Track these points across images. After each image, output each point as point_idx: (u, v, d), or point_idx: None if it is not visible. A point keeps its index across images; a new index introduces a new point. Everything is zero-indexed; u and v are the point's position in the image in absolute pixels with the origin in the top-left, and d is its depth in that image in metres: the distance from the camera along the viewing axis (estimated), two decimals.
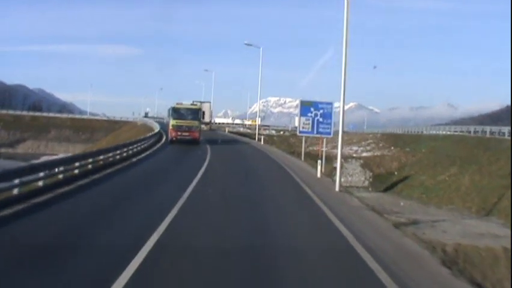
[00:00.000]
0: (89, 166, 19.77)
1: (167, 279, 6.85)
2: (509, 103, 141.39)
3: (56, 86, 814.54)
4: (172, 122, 38.18)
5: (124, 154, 26.00)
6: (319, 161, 23.90)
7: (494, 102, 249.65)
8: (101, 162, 21.45)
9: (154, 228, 9.57)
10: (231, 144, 43.36)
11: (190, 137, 37.39)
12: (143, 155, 28.78)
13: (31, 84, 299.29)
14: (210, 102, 72.64)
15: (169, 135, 38.90)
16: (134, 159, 25.59)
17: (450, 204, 28.63)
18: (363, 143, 62.16)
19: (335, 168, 43.71)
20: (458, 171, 34.17)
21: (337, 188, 17.35)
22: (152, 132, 43.18)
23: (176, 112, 37.72)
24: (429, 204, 28.75)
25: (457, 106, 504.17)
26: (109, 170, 19.99)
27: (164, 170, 21.96)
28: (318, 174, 22.74)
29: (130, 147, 28.20)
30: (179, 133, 37.32)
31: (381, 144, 59.01)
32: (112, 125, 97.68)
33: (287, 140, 67.84)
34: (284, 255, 8.60)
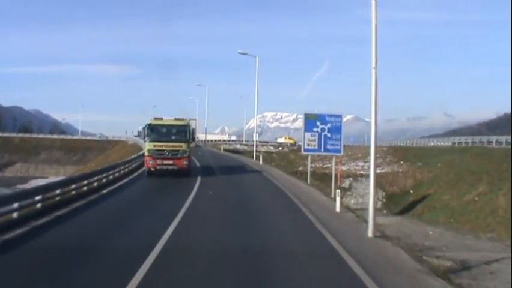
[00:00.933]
0: (38, 205, 14.84)
1: None
2: (506, 111, 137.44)
3: (52, 107, 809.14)
4: (148, 145, 27.18)
5: (95, 184, 21.06)
6: (337, 191, 18.83)
7: (490, 111, 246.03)
8: (57, 198, 16.51)
9: None
10: (224, 166, 37.90)
11: (175, 167, 26.71)
12: (115, 185, 23.65)
13: (28, 106, 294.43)
14: (195, 119, 70.57)
15: (145, 164, 28.04)
16: (105, 191, 20.58)
17: (488, 231, 23.67)
18: (368, 157, 57.27)
19: (343, 188, 38.74)
20: (489, 190, 29.16)
21: (370, 233, 12.30)
22: (136, 155, 37.68)
23: (154, 131, 26.90)
24: (463, 232, 23.77)
25: (453, 115, 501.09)
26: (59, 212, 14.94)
27: (132, 207, 16.78)
28: (337, 208, 17.68)
29: (101, 176, 23.16)
30: (159, 162, 26.53)
31: (388, 159, 54.13)
32: (105, 145, 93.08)
33: (287, 157, 62.93)
34: None
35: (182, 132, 27.13)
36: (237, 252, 10.22)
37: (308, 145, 28.04)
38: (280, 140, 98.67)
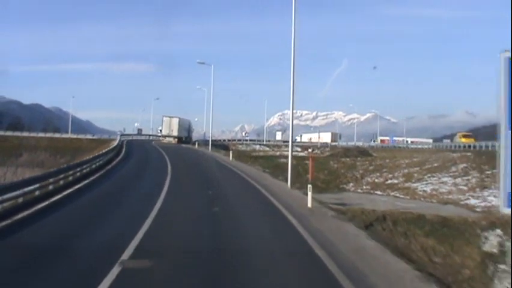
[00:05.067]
0: None
1: None
2: None
3: (73, 105, 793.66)
4: None
5: None
6: None
7: None
8: None
9: None
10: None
11: None
12: None
13: (48, 103, 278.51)
14: (178, 118, 73.41)
15: None
16: None
17: None
18: (453, 169, 35.44)
19: (491, 255, 16.44)
20: None
21: None
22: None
23: None
24: None
25: (475, 113, 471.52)
26: None
27: None
28: None
29: None
30: None
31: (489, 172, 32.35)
32: (99, 145, 72.97)
33: (326, 166, 41.56)
34: None
35: None
36: None
37: None
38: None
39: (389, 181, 34.38)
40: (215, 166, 35.43)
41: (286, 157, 44.55)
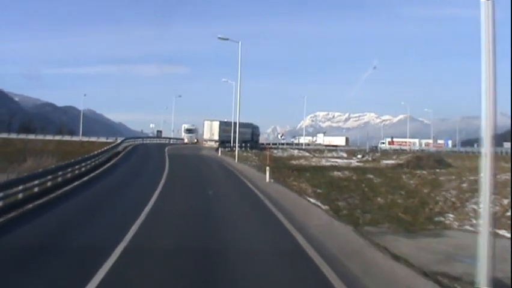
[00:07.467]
0: None
1: None
2: None
3: (107, 107, 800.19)
4: None
5: None
6: None
7: None
8: None
9: None
10: None
11: None
12: None
13: (82, 106, 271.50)
14: (219, 121, 69.32)
15: None
16: None
17: None
18: None
19: None
20: None
21: None
22: None
23: None
24: None
25: (510, 115, 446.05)
26: None
27: None
28: None
29: None
30: None
31: None
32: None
33: (400, 182, 27.89)
34: None
35: None
36: None
37: None
38: None
39: None
40: (241, 201, 20.04)
41: (340, 169, 31.20)
